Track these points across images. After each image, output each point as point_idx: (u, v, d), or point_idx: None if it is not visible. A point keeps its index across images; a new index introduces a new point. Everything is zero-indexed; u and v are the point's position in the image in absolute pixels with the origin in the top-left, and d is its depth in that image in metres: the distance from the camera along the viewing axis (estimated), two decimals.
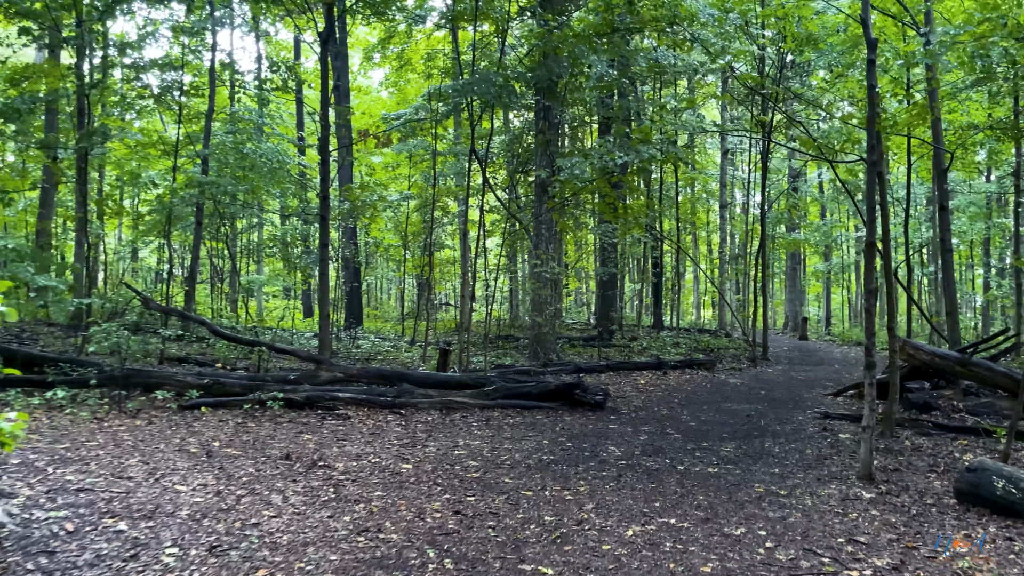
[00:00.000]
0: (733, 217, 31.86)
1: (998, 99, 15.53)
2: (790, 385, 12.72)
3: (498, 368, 13.33)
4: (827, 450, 7.27)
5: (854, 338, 24.16)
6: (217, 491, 5.15)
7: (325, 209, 10.80)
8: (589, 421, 8.89)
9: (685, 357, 15.94)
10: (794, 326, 31.30)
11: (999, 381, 9.08)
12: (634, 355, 16.66)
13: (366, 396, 9.30)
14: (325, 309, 10.78)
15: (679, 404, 10.38)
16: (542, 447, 7.16)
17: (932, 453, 7.08)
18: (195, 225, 17.82)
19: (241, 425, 7.73)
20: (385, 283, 44.52)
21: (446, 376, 10.27)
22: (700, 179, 30.48)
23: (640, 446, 7.35)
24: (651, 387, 12.20)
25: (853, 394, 10.86)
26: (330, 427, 7.92)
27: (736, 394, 11.48)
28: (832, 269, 34.78)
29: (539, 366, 13.86)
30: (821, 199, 35.29)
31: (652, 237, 20.65)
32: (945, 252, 9.94)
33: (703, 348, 18.54)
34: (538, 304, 14.90)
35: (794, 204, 25.95)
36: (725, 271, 25.53)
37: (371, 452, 6.67)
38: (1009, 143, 16.36)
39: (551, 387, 9.75)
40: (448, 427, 8.19)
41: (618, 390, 11.67)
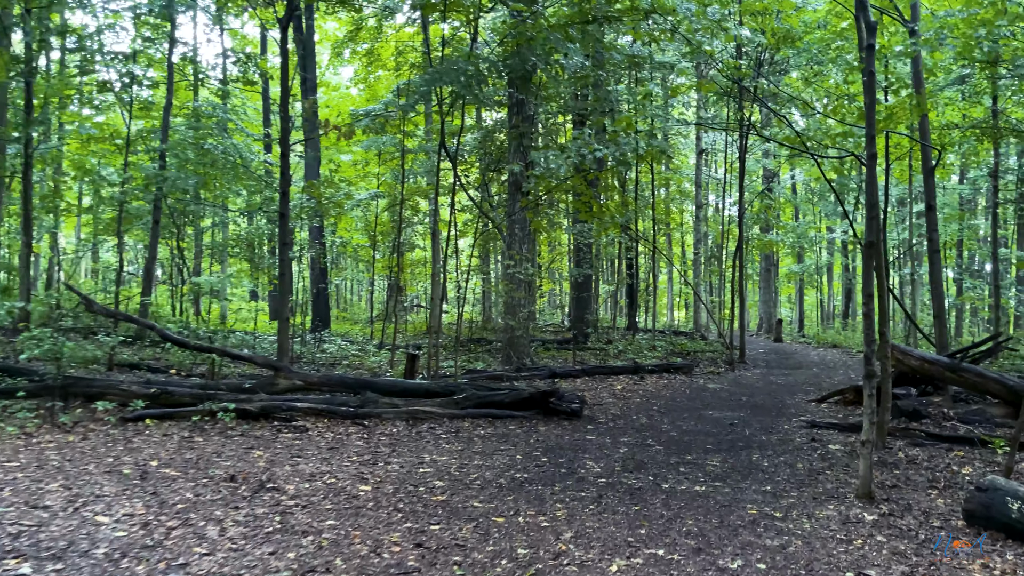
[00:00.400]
0: (708, 218, 31.66)
1: (977, 99, 15.35)
2: (771, 390, 12.32)
3: (469, 373, 12.77)
4: (818, 463, 6.82)
5: (829, 340, 23.99)
6: (145, 522, 4.52)
7: (285, 206, 10.15)
8: (565, 431, 8.36)
9: (662, 361, 15.51)
10: (768, 328, 31.14)
11: (990, 387, 8.73)
12: (610, 359, 16.19)
13: (326, 406, 8.67)
14: (285, 312, 10.13)
15: (659, 412, 9.90)
16: (515, 463, 6.61)
17: (929, 466, 6.66)
18: (152, 223, 17.03)
19: (186, 440, 7.07)
20: (355, 285, 43.70)
21: (413, 383, 9.68)
22: (675, 179, 30.20)
23: (620, 460, 6.84)
24: (628, 393, 11.72)
25: (837, 400, 10.47)
26: (285, 441, 7.29)
27: (717, 400, 11.04)
28: (806, 271, 34.75)
29: (512, 371, 13.32)
30: (794, 200, 35.26)
31: (628, 237, 20.23)
32: (932, 252, 9.61)
33: (680, 351, 18.14)
34: (511, 306, 14.36)
35: (769, 205, 25.75)
36: (700, 272, 25.24)
37: (327, 471, 6.06)
38: (988, 143, 16.21)
39: (524, 395, 9.20)
40: (414, 440, 7.61)
41: (595, 396, 11.17)
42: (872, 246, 5.49)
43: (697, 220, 25.36)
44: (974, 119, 15.79)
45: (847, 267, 34.40)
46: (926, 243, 9.58)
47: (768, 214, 25.32)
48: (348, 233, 25.33)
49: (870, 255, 5.51)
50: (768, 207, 25.55)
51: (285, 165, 10.21)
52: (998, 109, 15.30)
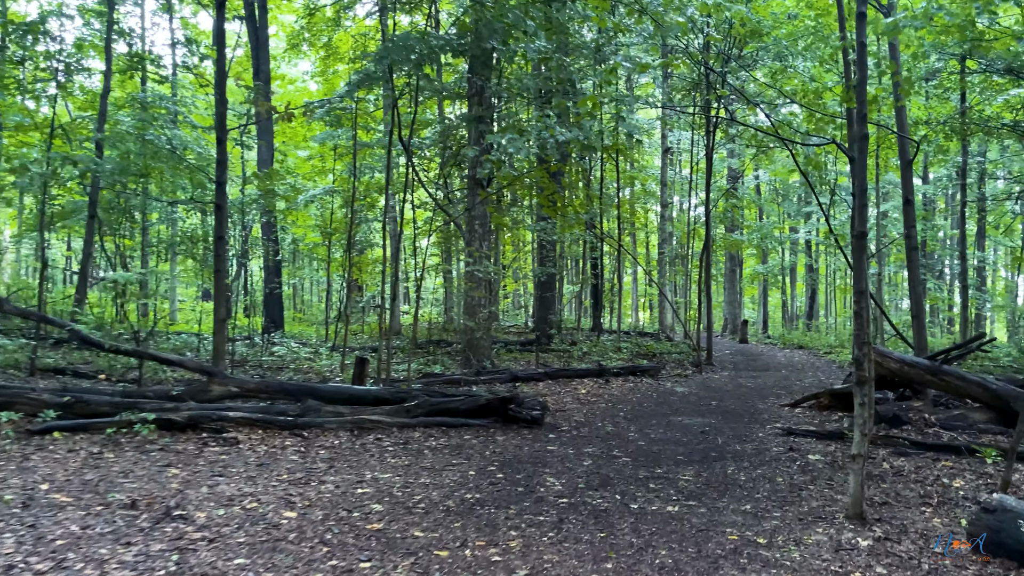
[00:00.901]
0: (673, 218, 31.35)
1: (946, 95, 15.08)
2: (741, 394, 11.81)
3: (425, 378, 12.04)
4: (800, 476, 6.24)
5: (795, 341, 23.74)
6: (8, 565, 3.72)
7: (221, 197, 9.31)
8: (525, 441, 7.69)
9: (628, 363, 14.94)
10: (733, 329, 30.89)
11: (972, 391, 8.29)
12: (574, 361, 15.57)
13: (262, 415, 7.87)
14: (220, 312, 9.28)
15: (625, 418, 9.28)
16: (467, 480, 5.90)
17: (918, 479, 6.13)
18: (88, 218, 15.96)
19: (94, 457, 6.23)
20: (315, 284, 42.53)
21: (361, 390, 8.92)
22: (640, 178, 29.80)
23: (584, 475, 6.18)
24: (593, 398, 11.09)
25: (812, 405, 9.98)
26: (210, 456, 6.48)
27: (686, 405, 10.47)
28: (770, 271, 34.65)
29: (471, 374, 12.62)
30: (758, 201, 35.16)
31: (593, 236, 19.66)
32: (910, 250, 9.17)
33: (646, 353, 17.61)
34: (471, 307, 13.65)
35: (735, 204, 25.45)
36: (665, 272, 24.81)
37: (250, 493, 5.29)
38: (956, 142, 15.98)
39: (481, 401, 8.50)
40: (356, 454, 6.86)
41: (558, 402, 10.52)
42: (863, 237, 4.92)
43: (662, 220, 24.93)
44: (941, 116, 15.54)
45: (811, 267, 34.38)
46: (904, 240, 9.11)
47: (734, 212, 25.00)
48: (301, 230, 24.35)
49: (861, 247, 4.94)
50: (734, 206, 25.24)
51: (221, 153, 9.36)
52: (966, 107, 15.05)
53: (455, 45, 7.82)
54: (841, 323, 34.05)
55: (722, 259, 33.07)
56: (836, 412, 9.44)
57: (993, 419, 8.23)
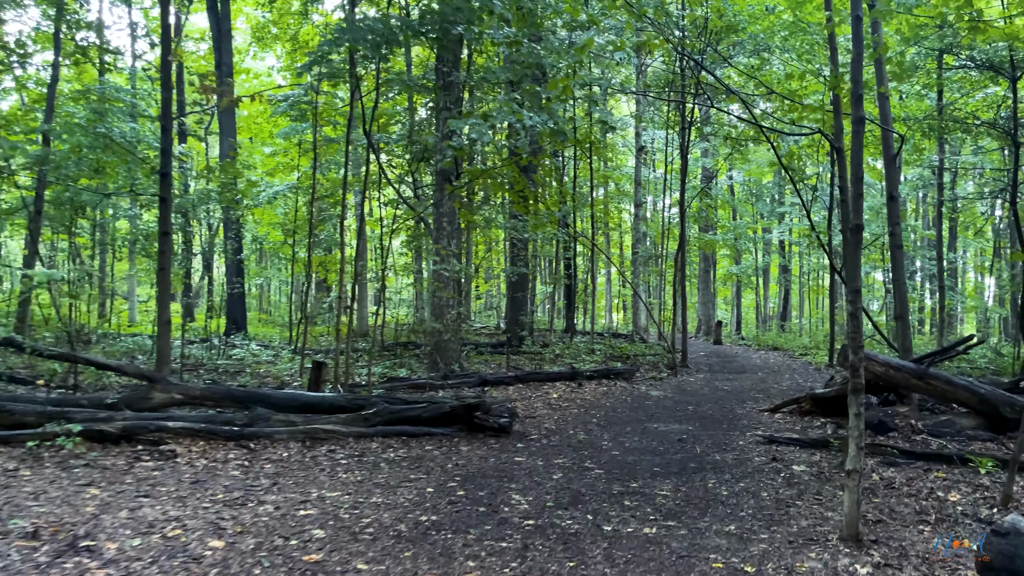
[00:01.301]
0: (647, 217, 31.06)
1: (924, 92, 14.85)
2: (718, 398, 11.39)
3: (390, 382, 11.45)
4: (785, 490, 5.78)
5: (769, 343, 23.50)
6: None
7: (165, 189, 8.64)
8: (491, 452, 7.15)
9: (601, 366, 14.47)
10: (707, 330, 30.64)
11: (959, 396, 7.92)
12: (546, 364, 15.08)
13: (206, 425, 7.24)
14: (165, 313, 8.62)
15: (598, 425, 8.79)
16: (424, 499, 5.35)
17: (911, 492, 5.71)
18: (33, 213, 15.13)
19: (7, 475, 5.57)
20: (282, 285, 41.57)
21: (316, 396, 8.31)
22: (614, 177, 29.44)
23: (554, 491, 5.66)
24: (565, 402, 10.59)
25: (792, 410, 9.57)
26: (140, 473, 5.86)
27: (661, 410, 10.01)
28: (744, 272, 34.51)
29: (439, 379, 12.06)
30: (732, 202, 35.00)
31: (565, 235, 19.19)
32: (895, 248, 8.80)
33: (619, 355, 17.17)
34: (438, 307, 13.08)
35: (709, 204, 25.19)
36: (639, 273, 24.45)
37: (176, 517, 4.69)
38: (932, 141, 15.77)
39: (446, 409, 7.95)
40: (305, 468, 6.27)
41: (528, 407, 10.00)
42: (859, 231, 4.47)
43: (636, 219, 24.55)
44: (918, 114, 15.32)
45: (785, 268, 34.30)
46: (888, 238, 8.74)
47: (708, 212, 24.72)
48: (265, 228, 23.58)
49: (857, 242, 4.49)
50: (708, 206, 24.97)
51: (166, 141, 8.70)
52: (942, 104, 14.84)
53: (418, 27, 7.27)
54: (814, 324, 34.04)
55: (696, 260, 32.88)
56: (818, 418, 9.04)
57: (981, 425, 7.87)
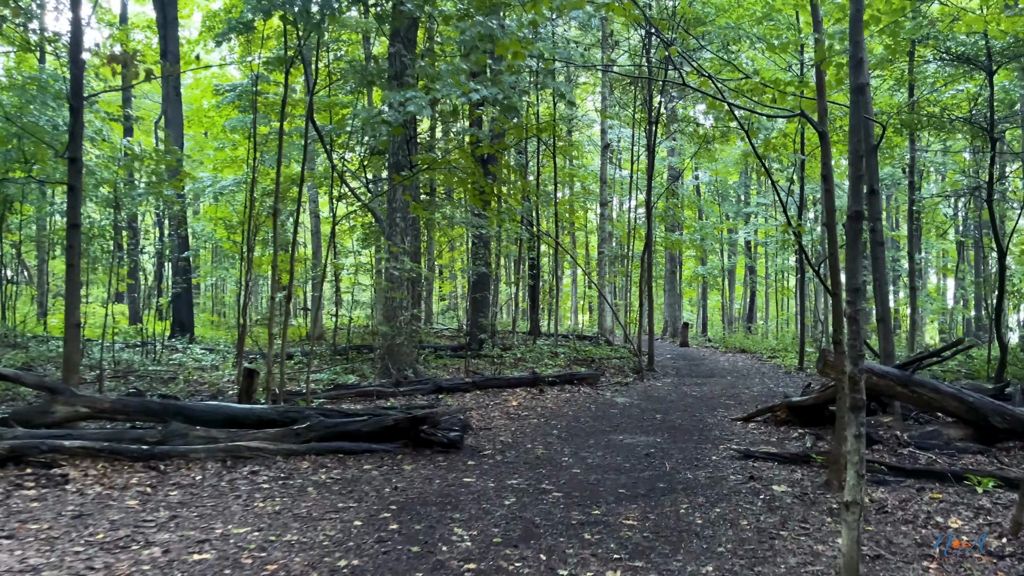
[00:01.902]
0: (613, 217, 30.52)
1: (896, 87, 14.42)
2: (687, 405, 10.73)
3: (336, 390, 10.59)
4: (767, 517, 5.09)
5: (737, 345, 23.04)
6: None
7: (74, 176, 7.68)
8: (438, 471, 6.36)
9: (564, 370, 13.75)
10: (673, 331, 30.20)
11: (946, 404, 7.34)
12: (507, 368, 14.32)
13: (110, 444, 6.32)
14: (73, 316, 7.66)
15: (559, 438, 8.04)
16: (349, 535, 4.54)
17: (907, 518, 5.05)
18: None
19: None
20: (238, 286, 40.17)
21: (243, 409, 7.43)
22: (579, 176, 28.82)
23: (504, 521, 4.89)
24: (525, 411, 9.83)
25: (767, 418, 8.93)
26: (15, 506, 4.95)
27: (627, 420, 9.30)
28: (710, 273, 34.17)
29: (390, 385, 11.23)
30: (698, 202, 34.64)
31: (528, 233, 18.47)
32: (875, 245, 8.21)
33: (584, 358, 16.48)
34: (390, 309, 12.24)
35: (675, 204, 24.71)
36: (605, 273, 23.83)
37: (33, 567, 3.81)
38: (903, 138, 15.38)
39: (388, 422, 7.12)
40: (218, 495, 5.41)
41: (484, 417, 9.22)
42: (859, 219, 3.79)
43: (602, 219, 23.92)
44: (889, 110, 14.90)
45: (751, 269, 34.04)
46: (869, 234, 8.13)
47: (676, 211, 24.21)
48: (211, 225, 22.45)
49: (856, 231, 3.81)
50: (675, 206, 24.47)
51: (76, 125, 7.74)
52: (914, 99, 14.43)
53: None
54: (781, 324, 33.82)
55: (662, 260, 32.43)
56: (794, 427, 8.41)
57: (970, 435, 7.30)
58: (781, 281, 36.47)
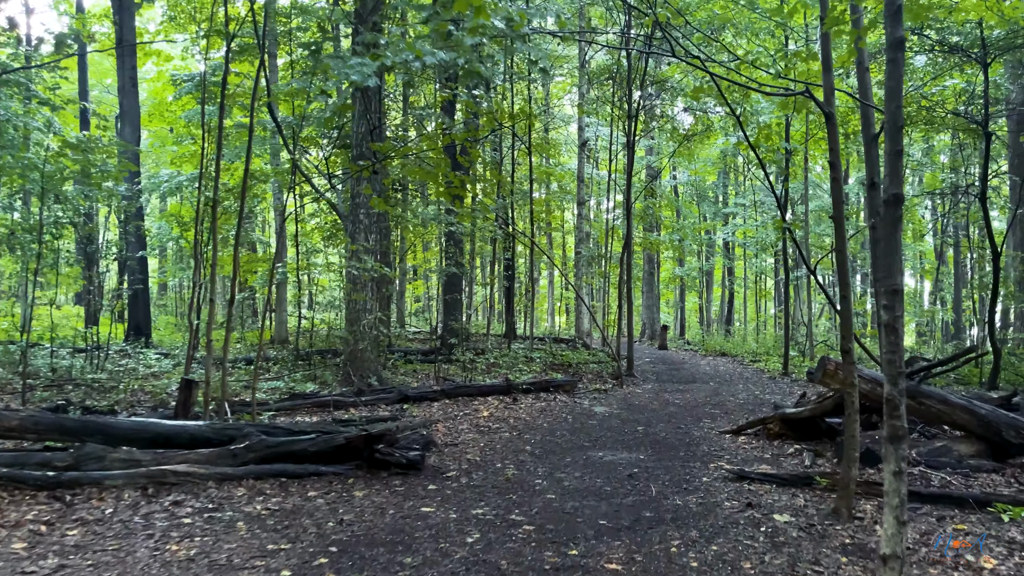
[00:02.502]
0: (590, 216, 29.91)
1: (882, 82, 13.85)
2: (670, 414, 10.03)
3: (291, 400, 9.74)
4: (774, 557, 4.36)
5: (717, 348, 22.46)
6: None
7: None
8: (393, 498, 5.57)
9: (539, 377, 13.01)
10: (651, 334, 29.61)
11: (957, 418, 6.69)
12: (479, 374, 13.54)
13: (9, 471, 5.44)
14: None
15: (532, 455, 7.28)
16: None
17: (935, 558, 4.34)
18: None
19: None
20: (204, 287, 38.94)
21: (175, 426, 6.56)
22: (556, 175, 28.13)
23: (464, 566, 4.12)
24: (496, 423, 9.06)
25: (758, 431, 8.25)
26: None
27: (607, 433, 8.56)
28: (688, 274, 33.66)
29: (351, 394, 10.40)
30: (676, 203, 34.13)
31: (501, 230, 17.71)
32: (877, 243, 7.56)
33: (560, 363, 15.75)
34: (353, 312, 11.41)
35: (654, 203, 24.12)
36: (582, 274, 23.14)
37: None
38: None
39: (339, 441, 6.30)
40: (125, 534, 4.56)
41: (451, 431, 8.43)
42: (899, 203, 3.08)
43: (579, 218, 23.20)
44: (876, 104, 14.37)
45: (730, 270, 33.59)
46: (869, 231, 7.48)
47: (655, 210, 23.59)
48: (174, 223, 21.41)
49: (895, 219, 3.10)
50: (653, 204, 23.87)
51: None
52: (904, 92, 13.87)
53: None
54: (757, 327, 33.37)
55: (640, 262, 31.86)
56: (789, 442, 7.72)
57: (982, 451, 6.65)
58: (759, 283, 36.10)
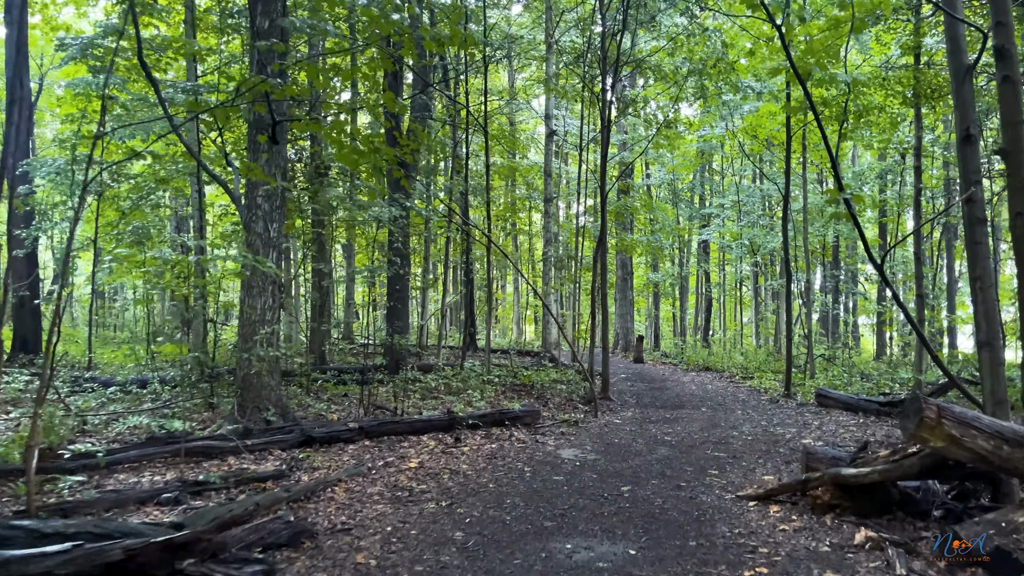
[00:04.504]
0: (558, 215, 27.48)
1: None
2: (664, 461, 7.49)
3: (145, 446, 7.05)
4: None
5: (699, 362, 20.06)
6: None
7: None
8: None
9: (493, 406, 10.43)
10: (626, 345, 27.22)
11: None
12: (425, 399, 10.91)
13: None
14: None
15: (463, 551, 4.67)
16: None
17: None
18: None
19: None
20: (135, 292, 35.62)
21: None
22: (522, 170, 25.66)
23: None
24: (423, 483, 6.44)
25: (794, 496, 5.73)
26: None
27: (579, 499, 5.98)
28: (664, 280, 31.38)
29: (236, 434, 7.72)
30: (650, 204, 31.87)
31: (455, 226, 15.13)
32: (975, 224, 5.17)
33: (522, 384, 13.18)
34: (247, 324, 8.70)
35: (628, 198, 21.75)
36: (550, 279, 20.65)
37: None
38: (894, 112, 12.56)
39: (115, 556, 3.61)
40: None
41: (351, 501, 5.80)
42: None
43: (547, 217, 20.70)
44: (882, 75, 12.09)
45: (706, 275, 31.39)
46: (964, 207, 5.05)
47: (631, 207, 21.19)
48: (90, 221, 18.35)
49: None
50: (628, 200, 21.49)
51: None
52: None
53: None
54: (736, 336, 31.16)
55: (613, 267, 29.51)
56: (846, 516, 5.21)
57: None
58: (738, 290, 33.96)
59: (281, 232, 9.02)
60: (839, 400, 11.26)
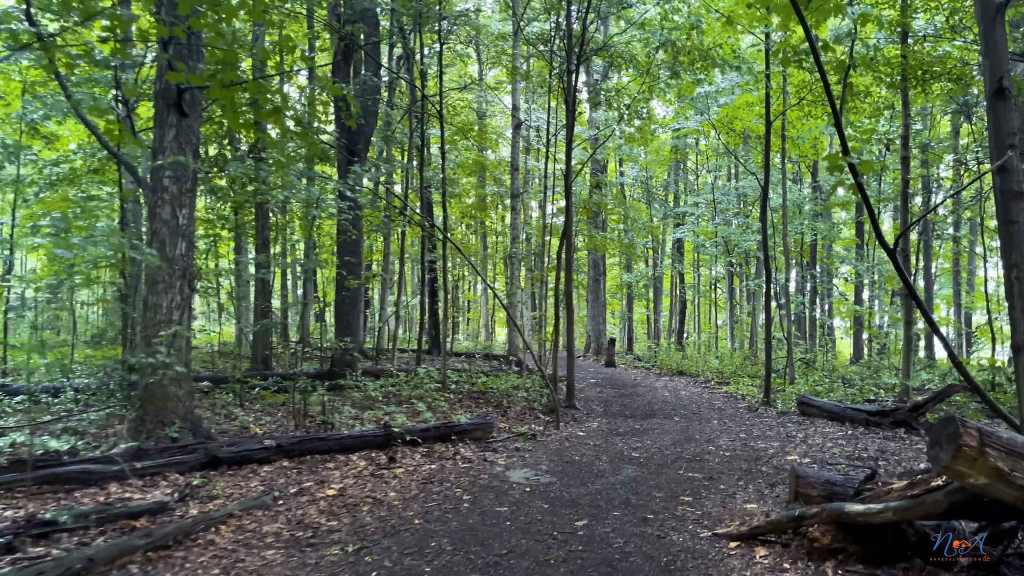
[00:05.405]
0: (523, 210, 26.46)
1: None
2: (629, 485, 6.41)
3: (10, 469, 5.83)
4: None
5: (673, 366, 19.09)
6: None
7: None
8: None
9: (445, 417, 9.31)
10: (597, 348, 26.23)
11: None
12: (369, 409, 9.74)
13: None
14: None
15: None
16: None
17: None
18: None
19: None
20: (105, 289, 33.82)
21: None
22: (490, 165, 24.57)
23: None
24: (335, 517, 5.30)
25: (784, 537, 4.69)
26: None
27: (521, 539, 4.88)
28: (637, 281, 30.46)
29: (129, 455, 6.53)
30: (624, 204, 30.94)
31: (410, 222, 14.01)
32: (1011, 199, 4.12)
33: (478, 391, 12.08)
34: (150, 325, 7.50)
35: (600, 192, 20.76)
36: (515, 279, 19.55)
37: None
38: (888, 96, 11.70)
39: None
40: None
41: (236, 545, 4.65)
42: None
43: (513, 213, 19.61)
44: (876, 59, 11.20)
45: (680, 276, 30.52)
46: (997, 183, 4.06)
47: (601, 203, 20.19)
48: None
49: None
50: (599, 195, 20.49)
51: None
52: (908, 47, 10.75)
53: None
54: (709, 340, 30.32)
55: (585, 267, 28.49)
56: (850, 564, 4.18)
57: None
58: (712, 291, 33.14)
59: (192, 219, 7.83)
60: (823, 408, 10.30)
